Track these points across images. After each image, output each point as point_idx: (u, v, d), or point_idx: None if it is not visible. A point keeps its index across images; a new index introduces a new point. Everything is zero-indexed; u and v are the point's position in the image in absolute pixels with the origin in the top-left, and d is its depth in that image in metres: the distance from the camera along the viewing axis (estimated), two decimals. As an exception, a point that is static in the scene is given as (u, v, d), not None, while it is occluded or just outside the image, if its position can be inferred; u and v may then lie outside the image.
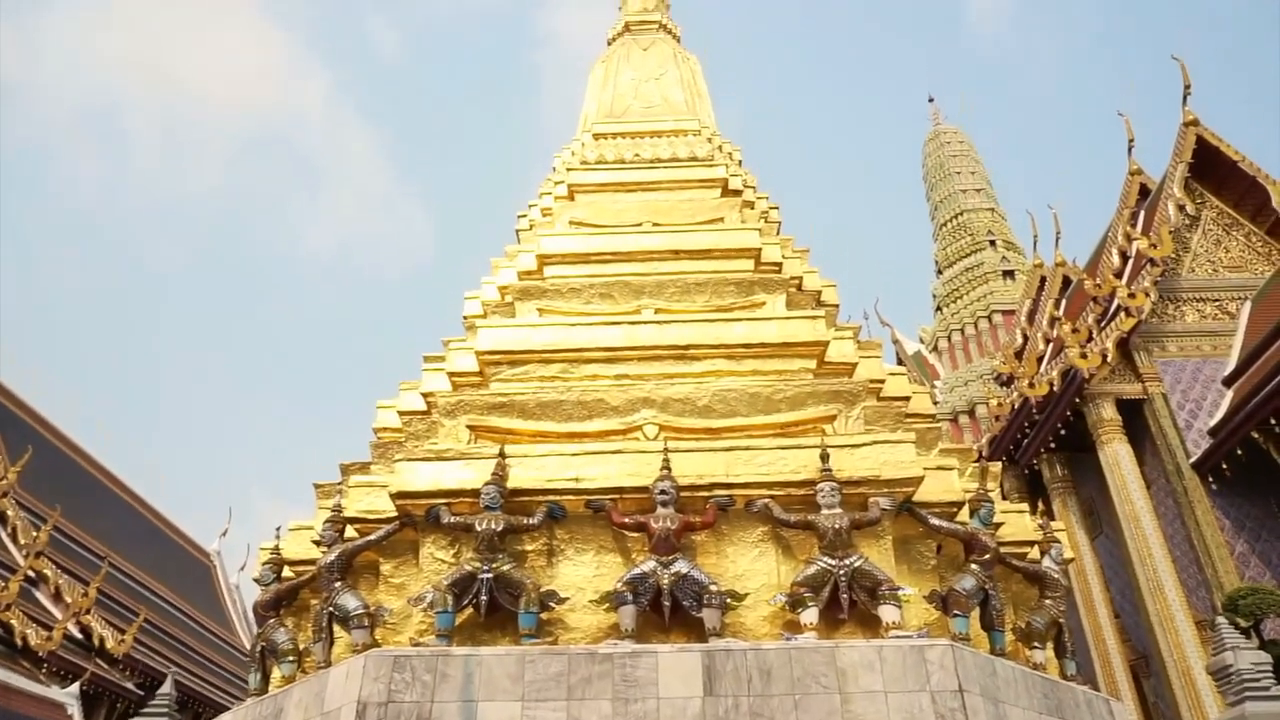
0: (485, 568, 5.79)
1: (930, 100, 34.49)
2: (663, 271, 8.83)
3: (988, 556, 6.14)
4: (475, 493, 6.07)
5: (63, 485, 23.66)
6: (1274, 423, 13.76)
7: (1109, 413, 15.95)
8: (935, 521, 6.20)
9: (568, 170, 11.04)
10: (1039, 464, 18.33)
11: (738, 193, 10.47)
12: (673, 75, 13.03)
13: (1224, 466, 14.51)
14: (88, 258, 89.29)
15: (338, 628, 6.05)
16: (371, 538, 6.30)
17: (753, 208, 10.48)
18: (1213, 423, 15.26)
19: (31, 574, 18.33)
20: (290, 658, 6.26)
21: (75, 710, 16.62)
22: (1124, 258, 18.05)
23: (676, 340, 7.79)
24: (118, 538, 25.50)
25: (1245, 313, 16.64)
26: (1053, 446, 17.66)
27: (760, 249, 9.13)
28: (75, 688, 17.03)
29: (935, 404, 23.44)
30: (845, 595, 5.65)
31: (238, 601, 32.76)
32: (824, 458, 6.09)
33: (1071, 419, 16.71)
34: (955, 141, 32.61)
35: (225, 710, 7.36)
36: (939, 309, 30.01)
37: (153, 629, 22.88)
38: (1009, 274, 28.85)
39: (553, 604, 5.83)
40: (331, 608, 6.03)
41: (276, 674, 6.28)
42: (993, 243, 29.73)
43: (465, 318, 9.26)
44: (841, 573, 5.68)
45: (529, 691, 5.08)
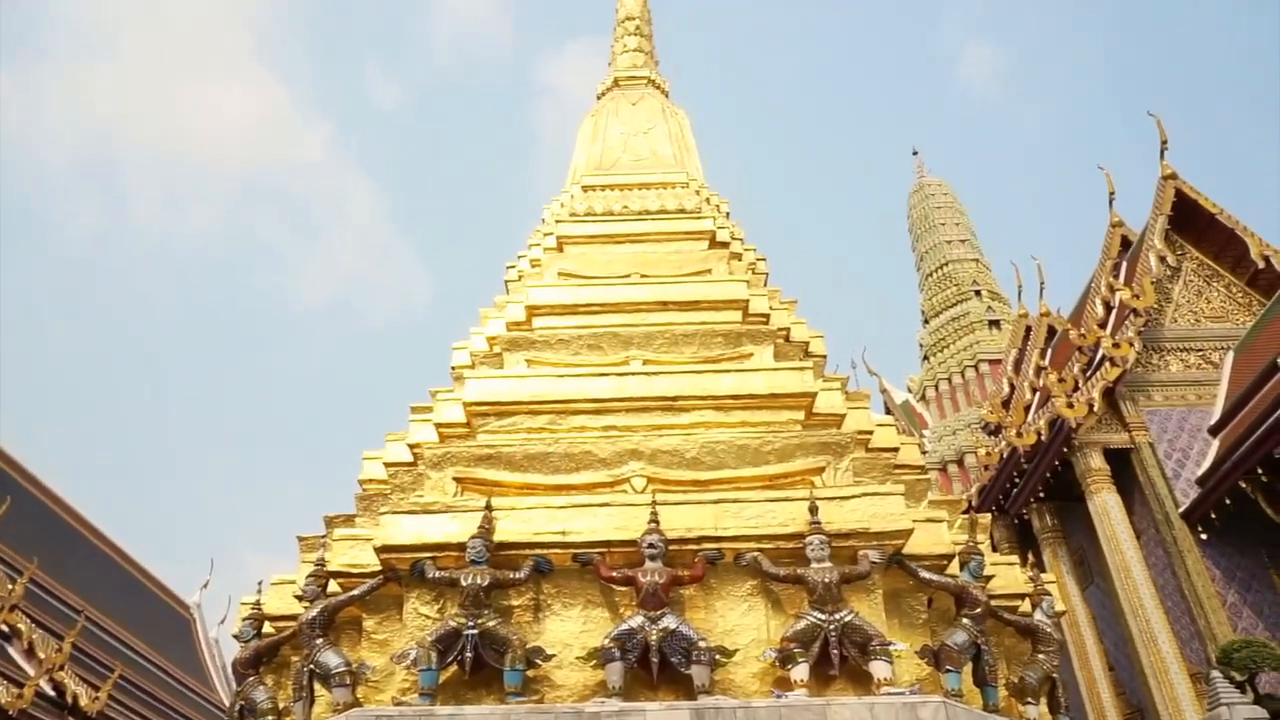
0: (470, 624, 5.70)
1: (914, 153, 35.09)
2: (651, 323, 8.86)
3: (979, 610, 6.09)
4: (461, 546, 6.00)
5: (42, 535, 23.23)
6: (1261, 472, 13.79)
7: (1097, 462, 15.97)
8: (926, 575, 6.16)
9: (556, 222, 11.14)
10: (1028, 513, 18.28)
11: (725, 245, 10.57)
12: (661, 129, 13.24)
13: (1213, 516, 14.49)
14: (79, 308, 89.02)
15: (319, 686, 5.92)
16: (355, 592, 6.20)
17: (740, 259, 10.57)
18: (1200, 472, 15.29)
19: (5, 628, 17.90)
20: (270, 717, 6.12)
21: (45, 771, 16.09)
22: (1107, 308, 18.24)
23: (665, 391, 7.79)
24: (96, 590, 24.97)
25: (1228, 362, 16.80)
26: (1042, 496, 17.63)
27: (748, 300, 9.19)
28: (46, 747, 16.51)
29: (924, 453, 23.46)
30: (836, 651, 5.58)
31: (217, 656, 32.00)
32: (813, 510, 6.06)
33: (1060, 468, 16.71)
34: (939, 193, 33.10)
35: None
36: (926, 358, 30.17)
37: (129, 685, 22.29)
38: (995, 323, 29.09)
39: (539, 661, 5.73)
40: (312, 665, 5.91)
41: (255, 734, 6.12)
42: (978, 293, 30.02)
43: (453, 368, 9.25)
44: (832, 628, 5.62)
45: (514, 753, 4.95)
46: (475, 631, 5.67)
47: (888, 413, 28.56)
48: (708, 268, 10.05)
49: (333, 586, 6.36)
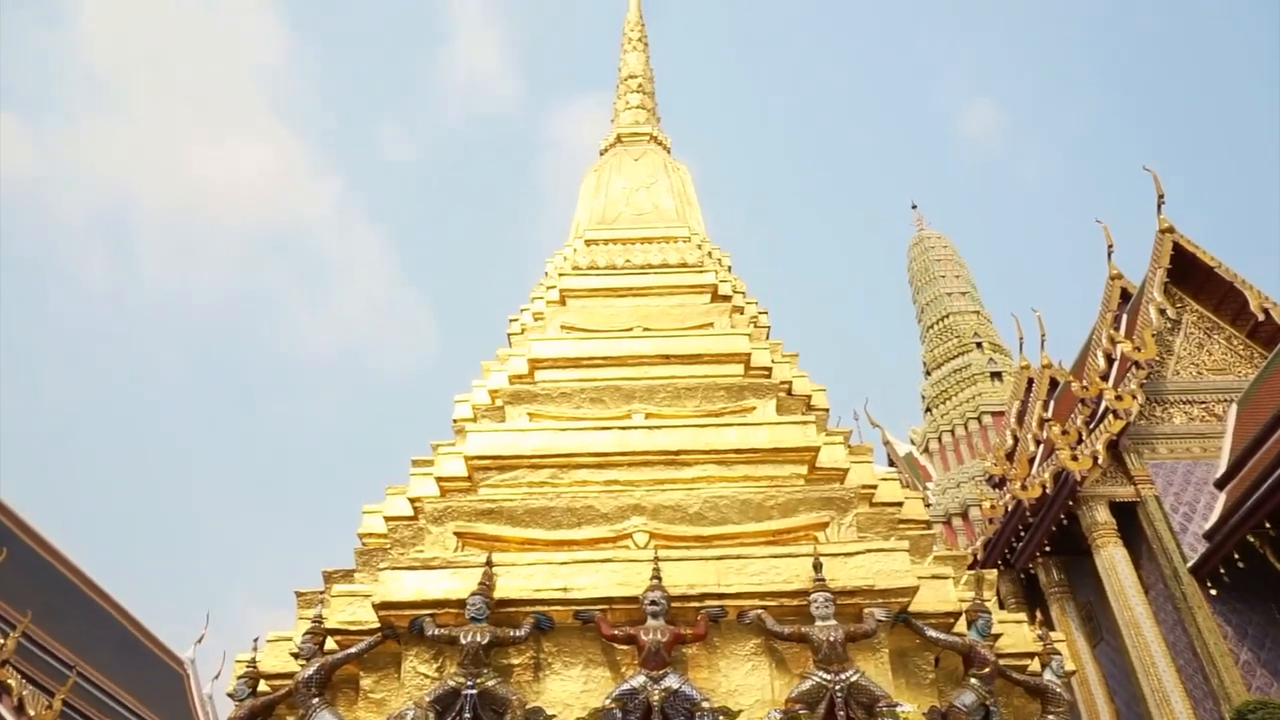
0: (469, 683, 5.60)
1: (914, 207, 35.52)
2: (653, 376, 8.87)
3: (987, 670, 5.98)
4: (461, 603, 5.92)
5: (36, 588, 22.96)
6: (1269, 526, 13.65)
7: (1103, 516, 15.81)
8: (932, 634, 6.06)
9: (559, 275, 11.23)
10: (1034, 568, 18.04)
11: (727, 298, 10.63)
12: (663, 184, 13.41)
13: (1222, 571, 14.31)
14: (80, 360, 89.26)
15: (314, 748, 5.79)
16: (352, 650, 6.10)
17: (742, 313, 10.62)
18: (1207, 526, 15.13)
19: (-4, 685, 17.57)
20: (262, 780, 5.97)
21: (31, 834, 15.66)
22: (1109, 360, 18.25)
23: (667, 445, 7.76)
24: (89, 644, 24.58)
25: (1232, 415, 16.74)
26: (1048, 550, 17.41)
27: (750, 354, 9.21)
28: (33, 809, 16.09)
29: (928, 506, 23.27)
30: (842, 712, 5.46)
31: (210, 714, 31.37)
32: (817, 567, 6.00)
33: (1065, 522, 16.55)
34: (939, 246, 33.38)
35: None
36: (928, 410, 30.11)
37: (119, 744, 21.82)
38: (997, 375, 29.09)
39: (539, 722, 5.61)
40: (308, 726, 5.79)
41: (247, 798, 5.97)
42: (979, 344, 30.08)
43: (455, 421, 9.23)
44: (838, 688, 5.51)
45: (512, 819, 4.83)
46: (474, 691, 5.57)
47: (891, 464, 28.42)
48: (710, 321, 10.10)
49: (330, 644, 6.26)
